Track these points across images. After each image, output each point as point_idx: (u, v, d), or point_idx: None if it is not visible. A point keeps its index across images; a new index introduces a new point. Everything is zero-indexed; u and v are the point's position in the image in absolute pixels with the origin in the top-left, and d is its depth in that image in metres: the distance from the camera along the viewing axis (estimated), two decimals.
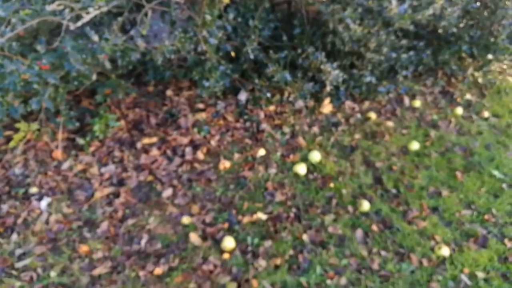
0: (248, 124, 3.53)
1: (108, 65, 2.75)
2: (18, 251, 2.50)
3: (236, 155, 3.22)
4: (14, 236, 2.58)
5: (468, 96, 4.00)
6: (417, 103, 3.84)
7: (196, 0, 2.95)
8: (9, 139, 3.19)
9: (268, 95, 3.57)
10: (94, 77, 2.84)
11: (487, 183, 3.01)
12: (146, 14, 2.82)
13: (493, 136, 3.51)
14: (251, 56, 3.24)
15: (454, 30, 3.40)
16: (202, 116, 3.53)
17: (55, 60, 2.64)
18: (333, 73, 3.17)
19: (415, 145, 3.31)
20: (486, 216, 2.74)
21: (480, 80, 4.23)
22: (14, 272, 2.39)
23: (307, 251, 2.51)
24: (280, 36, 3.41)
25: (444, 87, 4.11)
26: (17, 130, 3.18)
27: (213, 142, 3.32)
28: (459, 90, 4.10)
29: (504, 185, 2.98)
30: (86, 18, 2.68)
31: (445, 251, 2.48)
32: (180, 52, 2.88)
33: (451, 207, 2.80)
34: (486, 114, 3.76)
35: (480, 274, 2.39)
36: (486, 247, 2.55)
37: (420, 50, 3.62)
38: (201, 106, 3.66)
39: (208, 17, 2.82)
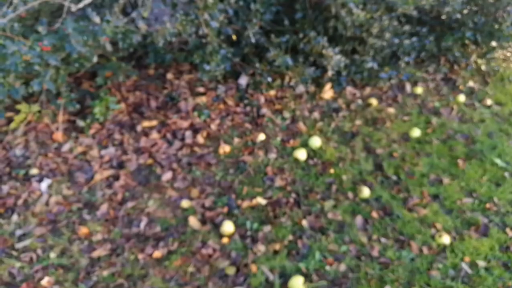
0: (248, 108, 3.52)
1: (109, 47, 2.74)
2: (18, 232, 2.51)
3: (236, 140, 3.21)
4: (15, 217, 2.59)
5: (470, 84, 3.98)
6: (419, 89, 3.82)
7: None
8: (10, 120, 3.19)
9: (269, 79, 3.55)
10: (95, 59, 2.82)
11: (489, 172, 3.00)
12: None
13: (496, 124, 3.50)
14: (252, 40, 3.21)
15: (458, 16, 3.38)
16: (202, 100, 3.52)
17: (57, 42, 2.63)
18: (335, 58, 3.15)
19: (416, 132, 3.30)
20: (487, 205, 2.74)
21: (483, 67, 4.21)
22: (14, 253, 2.40)
23: (306, 236, 2.51)
24: (282, 20, 3.38)
25: (446, 74, 4.09)
26: (18, 112, 3.18)
27: (213, 126, 3.32)
28: (462, 77, 4.07)
29: (506, 174, 2.98)
30: None
31: (445, 239, 2.48)
32: (181, 35, 2.86)
33: (452, 195, 2.80)
34: (489, 101, 3.75)
35: (481, 263, 2.39)
36: (487, 235, 2.54)
37: (423, 36, 3.59)
38: (201, 90, 3.65)
39: (210, 0, 2.79)
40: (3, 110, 2.87)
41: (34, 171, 2.89)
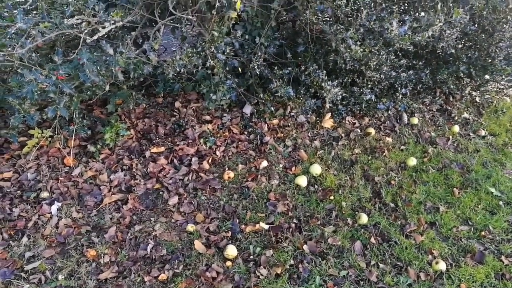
0: (252, 136, 3.64)
1: (121, 76, 2.82)
2: (28, 254, 2.55)
3: (240, 166, 3.31)
4: (25, 239, 2.64)
5: (465, 115, 4.11)
6: (416, 120, 3.95)
7: (206, 17, 3.06)
8: (23, 145, 3.27)
9: (272, 109, 3.67)
10: (107, 87, 2.93)
11: (484, 200, 3.08)
12: (158, 30, 2.93)
13: (490, 154, 3.60)
14: (257, 72, 3.35)
15: (453, 51, 3.51)
16: (208, 127, 3.64)
17: (71, 71, 2.73)
18: (332, 91, 3.25)
19: (413, 161, 3.40)
20: (483, 233, 2.80)
21: (477, 99, 4.34)
22: (23, 275, 2.44)
23: (307, 261, 2.56)
24: (285, 53, 3.54)
25: (442, 106, 4.21)
26: (31, 136, 3.27)
27: (218, 153, 3.42)
28: (457, 108, 4.20)
29: (501, 203, 3.05)
30: (102, 32, 2.80)
31: (442, 265, 2.52)
32: (190, 67, 2.96)
33: (448, 223, 2.87)
34: (483, 132, 3.87)
35: None
36: (483, 263, 2.59)
37: (419, 70, 3.72)
38: (207, 118, 3.77)
39: (217, 34, 2.92)
40: (16, 134, 2.94)
41: (45, 194, 2.96)
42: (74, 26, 2.87)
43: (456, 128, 3.84)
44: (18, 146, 3.29)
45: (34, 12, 3.12)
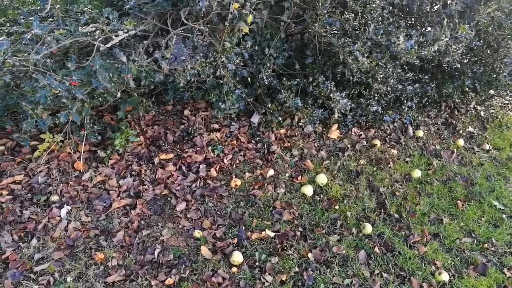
0: (259, 145, 3.68)
1: (132, 84, 2.88)
2: (37, 256, 2.60)
3: (247, 174, 3.35)
4: (34, 241, 2.69)
5: (470, 129, 4.14)
6: (421, 133, 3.98)
7: (217, 28, 3.13)
8: (34, 149, 3.33)
9: (280, 119, 3.72)
10: (118, 94, 2.98)
11: (488, 213, 3.09)
12: (170, 39, 2.99)
13: (494, 167, 3.63)
14: (265, 82, 3.41)
15: (458, 65, 3.55)
16: (216, 135, 3.69)
17: (84, 77, 2.79)
18: (341, 102, 3.31)
19: (417, 173, 3.43)
20: (486, 245, 2.81)
21: (482, 113, 4.37)
22: (32, 276, 2.48)
23: (311, 269, 2.59)
24: (293, 64, 3.58)
25: (447, 119, 4.25)
26: (42, 141, 3.33)
27: (226, 161, 3.47)
28: (462, 122, 4.23)
29: (504, 216, 3.07)
30: (115, 40, 2.87)
31: (445, 276, 2.54)
32: (200, 76, 3.02)
33: (451, 234, 2.88)
34: (487, 146, 3.90)
35: None
36: (485, 275, 2.60)
37: (425, 83, 3.77)
38: (216, 126, 3.83)
39: (228, 44, 2.98)
40: (28, 139, 2.99)
41: (54, 197, 3.01)
42: (88, 33, 2.94)
43: (461, 142, 3.88)
44: (30, 150, 3.35)
45: (50, 19, 3.20)
